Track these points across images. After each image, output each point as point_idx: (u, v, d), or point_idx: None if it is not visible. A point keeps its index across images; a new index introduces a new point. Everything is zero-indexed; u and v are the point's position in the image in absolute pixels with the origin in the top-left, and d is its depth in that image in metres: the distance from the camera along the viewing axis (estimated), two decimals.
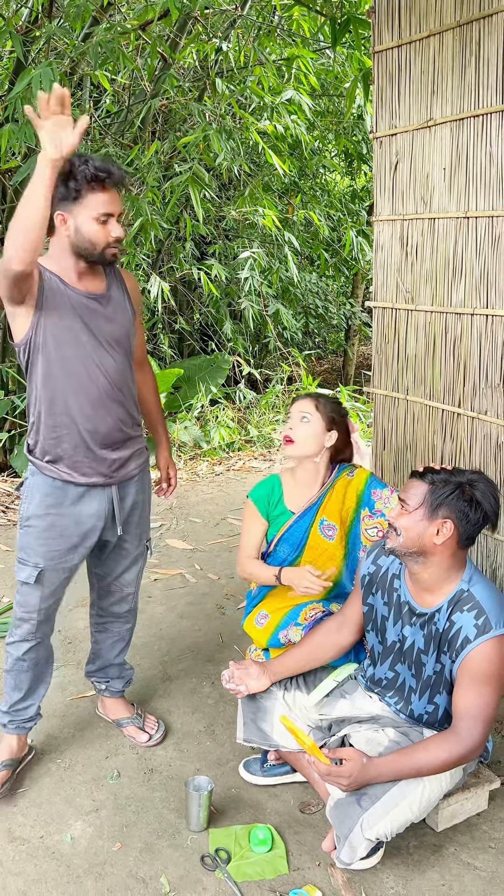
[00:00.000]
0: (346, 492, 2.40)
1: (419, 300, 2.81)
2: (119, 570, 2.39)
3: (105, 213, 2.00)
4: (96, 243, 2.02)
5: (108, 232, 2.02)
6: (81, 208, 1.99)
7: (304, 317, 8.06)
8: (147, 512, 2.40)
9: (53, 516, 2.16)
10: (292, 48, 5.22)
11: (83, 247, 2.02)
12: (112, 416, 2.15)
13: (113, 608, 2.46)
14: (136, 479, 2.29)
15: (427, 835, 2.13)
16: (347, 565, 2.43)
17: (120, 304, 2.17)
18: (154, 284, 5.15)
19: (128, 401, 2.20)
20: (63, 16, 4.43)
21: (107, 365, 2.11)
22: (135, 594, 2.48)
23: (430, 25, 2.58)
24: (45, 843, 2.12)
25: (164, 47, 4.53)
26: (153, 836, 2.15)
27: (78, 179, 1.96)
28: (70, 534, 2.19)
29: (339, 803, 1.95)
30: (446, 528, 1.91)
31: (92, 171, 1.96)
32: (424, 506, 1.93)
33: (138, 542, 2.39)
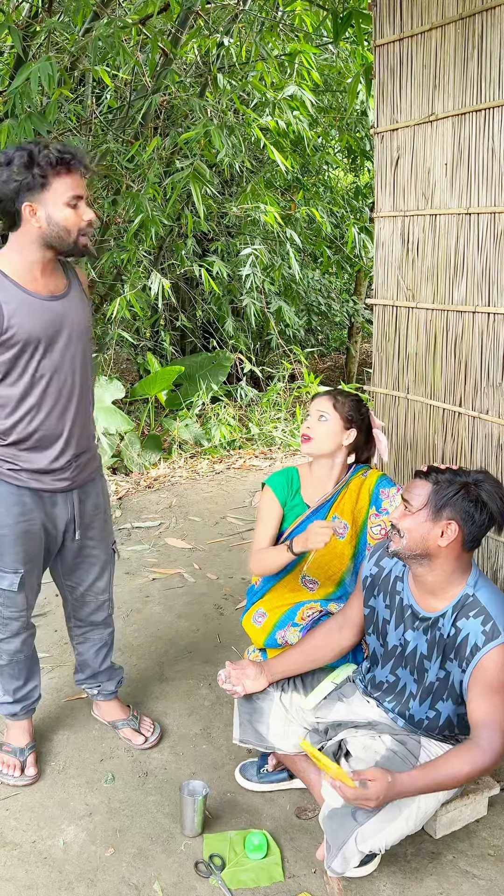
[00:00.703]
0: (359, 491, 2.38)
1: (420, 298, 2.77)
2: (91, 579, 2.37)
3: (75, 196, 1.95)
4: (70, 229, 1.96)
5: (81, 215, 1.97)
6: (50, 195, 1.93)
7: (307, 314, 8.01)
8: (109, 515, 2.38)
9: (25, 523, 2.13)
10: (294, 43, 5.17)
11: (57, 236, 1.96)
12: (76, 416, 2.13)
13: (91, 617, 2.44)
14: (95, 481, 2.28)
15: (425, 842, 2.10)
16: (354, 566, 2.40)
17: (80, 300, 2.13)
18: (154, 281, 5.11)
19: (88, 401, 2.18)
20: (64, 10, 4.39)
21: (72, 362, 2.08)
22: (110, 600, 2.46)
23: (432, 18, 2.54)
24: (38, 848, 2.09)
25: (166, 42, 4.49)
26: (147, 842, 2.12)
27: (42, 165, 1.90)
28: (43, 536, 2.19)
29: (333, 813, 1.91)
30: (451, 529, 1.87)
31: (56, 154, 1.90)
32: (428, 506, 1.89)
33: (105, 547, 2.36)
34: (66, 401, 2.09)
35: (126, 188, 5.02)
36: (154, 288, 5.14)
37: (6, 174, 1.91)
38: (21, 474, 2.09)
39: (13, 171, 1.90)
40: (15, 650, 2.30)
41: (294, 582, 2.43)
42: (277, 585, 2.44)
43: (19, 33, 3.90)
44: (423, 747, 2.02)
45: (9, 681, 2.35)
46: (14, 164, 1.90)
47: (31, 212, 1.94)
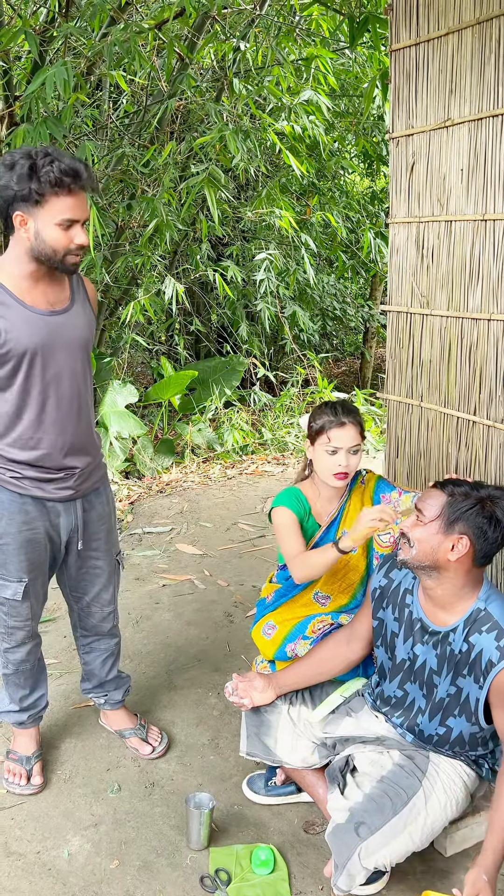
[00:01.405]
0: (362, 501, 2.34)
1: (435, 304, 2.73)
2: (96, 590, 2.34)
3: (68, 220, 1.88)
4: (57, 250, 1.90)
5: (71, 238, 1.90)
6: (43, 212, 1.86)
7: (322, 319, 7.98)
8: (114, 525, 2.34)
9: (28, 532, 2.11)
10: (311, 48, 5.15)
11: (43, 252, 1.90)
12: (77, 427, 2.10)
13: (97, 627, 2.41)
14: (100, 490, 2.25)
15: (435, 860, 2.06)
16: (367, 577, 2.37)
17: (83, 313, 2.09)
18: (169, 286, 5.10)
19: (89, 410, 2.16)
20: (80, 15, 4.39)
21: (73, 375, 2.06)
22: (115, 611, 2.43)
23: (449, 23, 2.51)
24: (42, 859, 2.07)
25: (182, 47, 4.48)
26: (152, 854, 2.09)
27: (41, 181, 1.83)
28: (48, 544, 2.17)
29: (336, 829, 1.88)
30: (462, 544, 1.83)
31: (56, 174, 1.82)
32: (441, 518, 1.85)
33: (110, 559, 2.33)
34: (66, 413, 2.07)
35: (141, 192, 5.02)
36: (168, 292, 5.14)
37: (5, 178, 1.85)
38: (24, 482, 2.07)
39: (12, 178, 1.84)
40: (21, 659, 2.28)
41: (307, 597, 2.40)
42: (290, 601, 2.41)
43: (36, 38, 3.91)
44: (431, 762, 1.99)
45: (15, 690, 2.34)
46: (15, 171, 1.84)
47: (21, 222, 1.88)
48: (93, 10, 4.08)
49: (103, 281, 5.20)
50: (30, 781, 2.32)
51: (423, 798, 1.90)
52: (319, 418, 2.28)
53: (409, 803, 1.88)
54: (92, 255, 4.56)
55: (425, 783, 1.93)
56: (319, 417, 2.28)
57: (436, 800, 1.91)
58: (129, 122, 5.66)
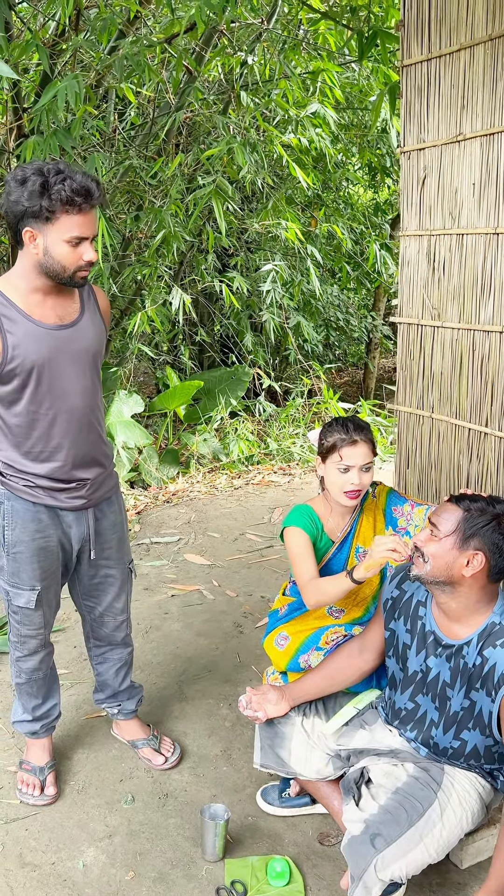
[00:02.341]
0: (375, 515, 2.35)
1: (446, 317, 2.75)
2: (109, 599, 2.35)
3: (77, 237, 1.89)
4: (66, 266, 1.92)
5: (80, 255, 1.91)
6: (53, 229, 1.87)
7: (325, 329, 8.01)
8: (125, 534, 2.35)
9: (41, 540, 2.12)
10: (317, 61, 5.20)
11: (52, 269, 1.92)
12: (88, 438, 2.11)
13: (111, 636, 2.42)
14: (111, 500, 2.26)
15: (451, 872, 2.06)
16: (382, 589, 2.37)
17: (92, 325, 2.09)
18: (176, 297, 5.13)
19: (100, 421, 2.16)
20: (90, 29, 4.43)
21: (82, 388, 2.06)
22: (128, 620, 2.44)
23: (461, 39, 2.54)
24: (57, 870, 2.07)
25: (190, 60, 4.52)
26: (167, 866, 2.09)
27: (52, 199, 1.84)
28: (60, 552, 2.18)
29: (352, 841, 1.87)
30: (477, 560, 1.83)
31: (68, 193, 1.84)
32: (456, 533, 1.85)
33: (122, 567, 2.34)
34: (77, 425, 2.07)
35: (149, 204, 5.05)
36: (175, 303, 5.16)
37: (16, 194, 1.86)
38: (37, 491, 2.09)
39: (23, 194, 1.85)
40: (33, 668, 2.29)
41: (321, 610, 2.40)
42: (304, 614, 2.41)
43: (46, 51, 3.94)
44: (446, 774, 1.98)
45: (28, 699, 2.35)
46: (27, 187, 1.85)
47: (30, 237, 1.90)
48: (103, 23, 4.12)
49: (110, 291, 5.22)
50: (43, 792, 2.32)
51: (439, 810, 1.90)
52: (331, 436, 2.26)
53: (424, 815, 1.88)
54: (100, 265, 4.58)
55: (441, 795, 1.93)
56: (331, 435, 2.26)
57: (451, 812, 1.91)
58: (136, 134, 5.70)
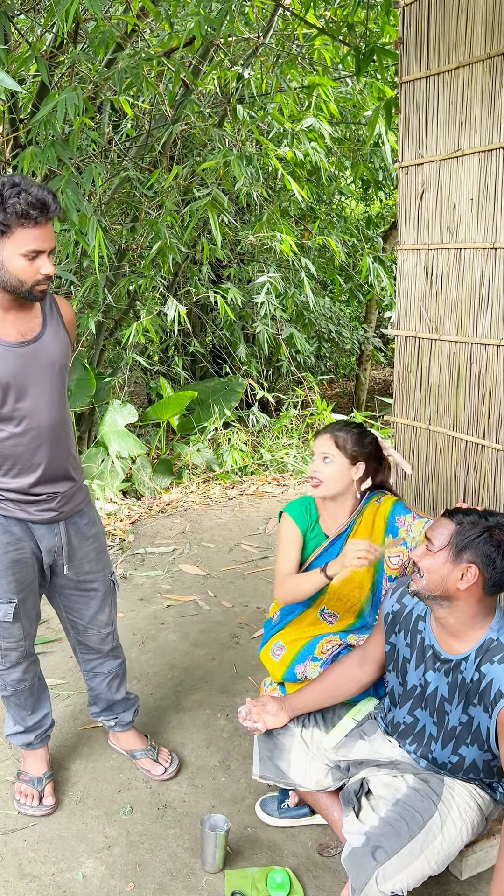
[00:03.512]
0: (374, 519, 2.36)
1: (443, 330, 2.78)
2: (91, 612, 2.33)
3: (34, 251, 1.87)
4: (24, 280, 1.90)
5: (37, 269, 1.89)
6: (9, 243, 1.86)
7: (318, 341, 8.05)
8: (103, 546, 2.34)
9: (15, 552, 2.11)
10: (313, 76, 5.25)
11: (9, 283, 1.90)
12: (57, 453, 2.11)
13: (98, 647, 2.40)
14: (84, 512, 2.25)
15: (451, 883, 2.06)
16: (372, 595, 2.38)
17: (56, 339, 2.08)
18: (171, 308, 5.15)
19: (69, 435, 2.16)
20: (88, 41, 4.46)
21: (49, 403, 2.06)
22: (114, 632, 2.42)
23: (460, 57, 2.58)
24: (56, 881, 2.06)
25: (188, 73, 4.56)
26: (167, 877, 2.08)
27: (7, 213, 1.82)
28: (35, 564, 2.18)
29: (353, 853, 1.87)
30: (471, 573, 1.84)
31: (23, 206, 1.81)
32: (449, 547, 1.86)
33: (104, 579, 2.33)
34: (46, 440, 2.07)
35: (145, 215, 5.07)
36: (170, 314, 5.18)
37: None
38: (7, 504, 2.08)
39: None
40: (18, 679, 2.28)
41: (313, 615, 2.41)
42: (296, 619, 2.42)
43: (45, 63, 3.96)
44: (445, 785, 1.99)
45: (17, 711, 2.33)
46: None
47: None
48: (101, 36, 4.15)
49: (105, 301, 5.24)
50: (42, 802, 2.31)
51: (439, 821, 1.90)
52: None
53: (425, 826, 1.88)
54: (96, 275, 4.59)
55: (441, 807, 1.93)
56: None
57: (451, 823, 1.92)
58: (130, 146, 5.73)
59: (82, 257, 5.07)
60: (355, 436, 2.35)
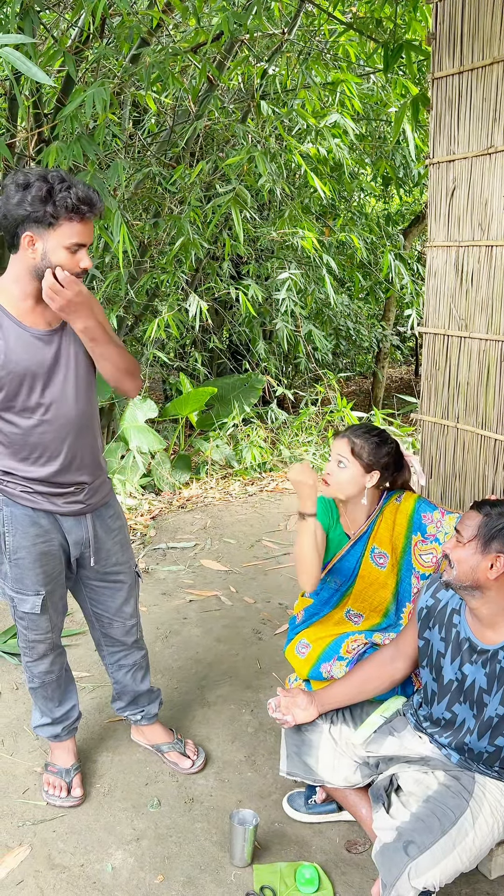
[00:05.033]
0: (395, 518, 2.35)
1: (473, 327, 2.77)
2: (117, 604, 2.35)
3: (77, 244, 1.91)
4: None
5: (77, 262, 1.93)
6: (54, 235, 1.89)
7: (335, 338, 8.04)
8: (127, 538, 2.36)
9: (43, 545, 2.13)
10: (337, 72, 5.24)
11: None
12: (84, 442, 2.12)
13: (122, 639, 2.41)
14: (109, 504, 2.27)
15: (480, 882, 2.06)
16: (398, 594, 2.37)
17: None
18: (193, 303, 5.15)
19: (95, 425, 2.17)
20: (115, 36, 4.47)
21: (75, 392, 2.07)
22: (138, 623, 2.44)
23: (494, 53, 2.56)
24: (86, 872, 2.07)
25: (213, 69, 4.55)
26: (196, 870, 2.09)
27: (57, 206, 1.86)
28: (62, 556, 2.19)
29: (384, 848, 1.88)
30: (500, 562, 1.85)
31: (73, 201, 1.86)
32: (478, 538, 1.88)
33: (129, 571, 2.34)
34: (72, 430, 2.08)
35: (168, 211, 5.07)
36: (192, 310, 5.18)
37: (19, 197, 1.87)
38: (35, 496, 2.09)
39: (27, 199, 1.86)
40: (45, 671, 2.29)
41: (339, 615, 2.41)
42: (322, 619, 2.42)
43: (72, 58, 3.97)
44: (477, 783, 1.99)
45: (44, 703, 2.35)
46: (31, 193, 1.86)
47: (29, 242, 1.90)
48: (128, 31, 4.15)
49: (127, 296, 5.25)
50: (70, 793, 2.32)
51: (471, 818, 1.90)
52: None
53: (457, 823, 1.88)
54: (121, 271, 4.60)
55: (472, 804, 1.93)
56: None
57: (483, 821, 1.91)
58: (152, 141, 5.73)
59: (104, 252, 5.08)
60: (373, 445, 2.33)
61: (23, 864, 2.10)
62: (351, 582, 2.36)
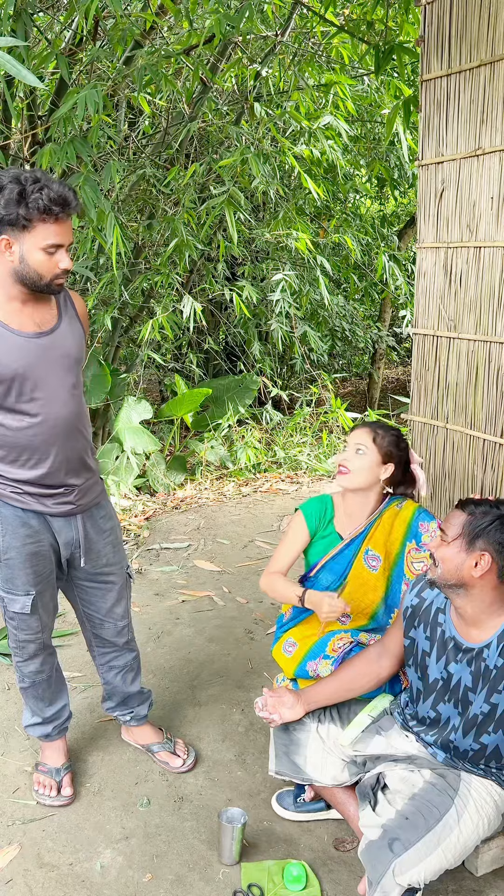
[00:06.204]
0: (393, 523, 2.37)
1: (462, 328, 2.78)
2: (108, 605, 2.35)
3: (54, 245, 1.91)
4: (43, 274, 1.93)
5: (56, 263, 1.93)
6: (29, 237, 1.89)
7: (331, 339, 8.05)
8: (119, 539, 2.36)
9: (33, 545, 2.13)
10: (330, 74, 5.26)
11: (28, 276, 1.93)
12: (74, 444, 2.13)
13: (113, 640, 2.42)
14: (101, 505, 2.27)
15: (466, 879, 2.07)
16: (387, 598, 2.38)
17: (71, 331, 2.10)
18: (187, 305, 5.16)
19: (85, 427, 2.18)
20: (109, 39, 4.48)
21: (66, 394, 2.08)
22: (129, 625, 2.44)
23: (482, 55, 2.58)
24: (75, 871, 2.08)
25: (206, 71, 4.57)
26: (184, 868, 2.10)
27: (30, 208, 1.85)
28: (53, 557, 2.20)
29: (370, 846, 1.89)
30: (484, 560, 1.87)
31: (45, 202, 1.85)
32: (462, 537, 1.89)
33: (120, 572, 2.35)
34: (62, 432, 2.08)
35: (162, 212, 5.09)
36: (186, 311, 5.19)
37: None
38: (25, 497, 2.10)
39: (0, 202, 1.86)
40: (35, 671, 2.30)
41: None
42: (309, 618, 2.43)
43: (66, 60, 3.99)
44: (462, 781, 2.00)
45: (35, 702, 2.36)
46: (3, 195, 1.85)
47: (6, 245, 1.90)
48: (121, 33, 4.16)
49: (121, 298, 5.26)
50: (60, 793, 2.33)
51: (456, 816, 1.91)
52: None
53: (441, 820, 1.89)
54: (114, 272, 4.62)
55: (457, 801, 1.94)
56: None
57: (468, 818, 1.92)
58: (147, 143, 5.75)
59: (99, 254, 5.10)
60: (393, 437, 2.38)
61: (12, 862, 2.11)
62: (341, 581, 2.37)
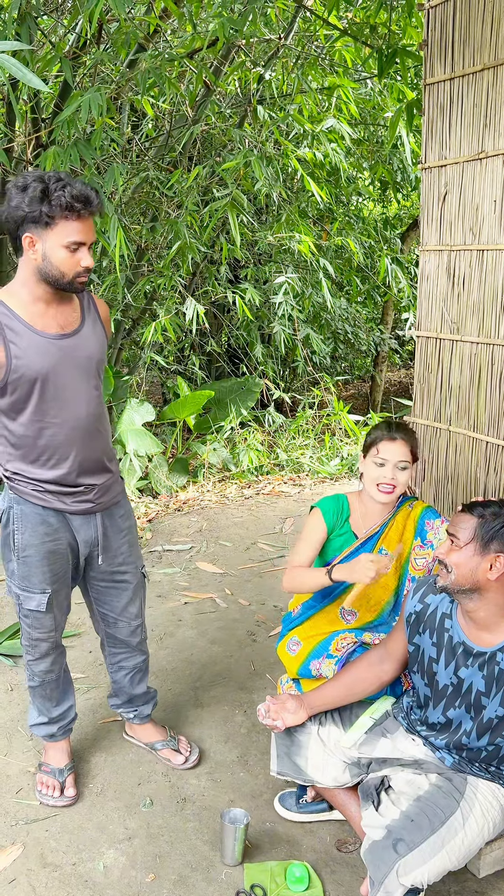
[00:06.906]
0: (405, 523, 2.38)
1: (465, 331, 2.79)
2: (123, 603, 2.37)
3: (76, 242, 1.93)
4: (65, 272, 1.95)
5: (78, 261, 1.95)
6: (52, 234, 1.91)
7: (333, 341, 8.06)
8: (136, 538, 2.38)
9: (51, 543, 2.14)
10: (333, 77, 5.27)
11: (51, 274, 1.95)
12: (94, 445, 2.14)
13: (127, 640, 2.43)
14: (120, 503, 2.29)
15: (469, 881, 2.07)
16: (396, 596, 2.40)
17: (94, 333, 2.12)
18: (189, 307, 5.17)
19: (105, 428, 2.19)
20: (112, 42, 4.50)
21: (87, 396, 2.09)
22: (142, 625, 2.46)
23: (485, 59, 2.59)
24: (78, 871, 2.09)
25: (209, 74, 4.59)
26: (187, 869, 2.11)
27: (52, 205, 1.88)
28: (70, 556, 2.21)
29: (373, 846, 1.89)
30: (500, 562, 1.87)
31: (68, 199, 1.88)
32: (475, 540, 1.89)
33: (135, 571, 2.36)
34: (83, 432, 2.10)
35: (165, 215, 5.10)
36: (189, 313, 5.21)
37: (17, 200, 1.90)
38: (45, 495, 2.11)
39: (24, 200, 1.89)
40: (45, 670, 2.31)
41: (333, 613, 2.43)
42: (315, 615, 2.44)
43: (69, 63, 4.00)
44: (469, 784, 1.99)
45: (43, 702, 2.37)
46: (27, 193, 1.89)
47: (29, 243, 1.93)
48: (124, 37, 4.18)
49: (124, 300, 5.27)
50: (63, 793, 2.34)
51: (461, 818, 1.91)
52: (374, 432, 2.37)
53: (447, 822, 1.89)
54: (117, 274, 4.63)
55: (463, 804, 1.94)
56: (374, 432, 2.38)
57: (474, 820, 1.92)
58: (150, 146, 5.76)
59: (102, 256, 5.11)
60: (414, 437, 2.38)
61: (15, 862, 2.11)
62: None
